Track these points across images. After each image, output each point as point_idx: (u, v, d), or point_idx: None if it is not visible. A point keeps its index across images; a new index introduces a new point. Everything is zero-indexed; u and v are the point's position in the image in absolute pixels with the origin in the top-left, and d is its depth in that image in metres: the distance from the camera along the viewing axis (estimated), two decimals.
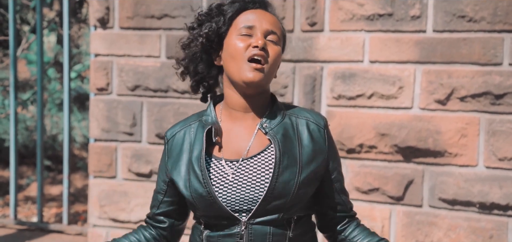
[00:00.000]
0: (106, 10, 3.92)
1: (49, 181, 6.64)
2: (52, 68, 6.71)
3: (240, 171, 1.69)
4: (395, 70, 3.43)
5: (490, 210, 3.34)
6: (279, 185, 1.66)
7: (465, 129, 3.34)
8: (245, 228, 1.67)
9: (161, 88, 3.85)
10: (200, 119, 1.79)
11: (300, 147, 1.73)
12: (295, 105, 1.85)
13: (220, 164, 1.71)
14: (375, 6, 3.42)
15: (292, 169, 1.69)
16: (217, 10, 1.74)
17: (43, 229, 4.80)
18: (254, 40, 1.68)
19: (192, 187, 1.70)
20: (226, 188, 1.69)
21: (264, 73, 1.68)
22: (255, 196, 1.67)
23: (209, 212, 1.70)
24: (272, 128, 1.72)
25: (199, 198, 1.69)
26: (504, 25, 3.25)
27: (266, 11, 1.75)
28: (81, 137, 6.62)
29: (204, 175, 1.69)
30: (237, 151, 1.72)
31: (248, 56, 1.67)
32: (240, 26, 1.70)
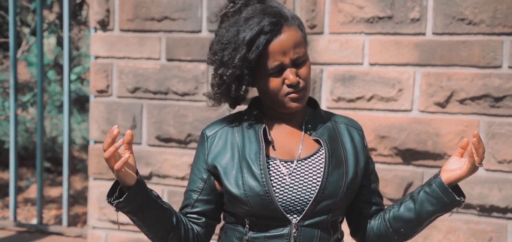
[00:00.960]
0: (106, 12, 3.92)
1: (48, 183, 6.64)
2: (52, 70, 6.72)
3: (296, 171, 1.71)
4: (395, 72, 3.43)
5: (490, 212, 3.34)
6: (329, 185, 1.70)
7: (465, 131, 3.34)
8: (296, 230, 1.69)
9: (161, 91, 3.85)
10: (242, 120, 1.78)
11: (344, 149, 1.77)
12: (332, 112, 1.90)
13: (275, 164, 1.72)
14: (374, 9, 3.43)
15: (340, 169, 1.73)
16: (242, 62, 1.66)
17: (43, 231, 4.80)
18: (287, 78, 1.68)
19: (247, 185, 1.68)
20: (283, 188, 1.70)
21: (303, 99, 1.72)
22: (308, 196, 1.70)
23: (262, 212, 1.68)
24: (317, 130, 1.77)
25: (255, 196, 1.67)
26: (503, 28, 3.25)
27: (285, 30, 1.67)
28: (81, 139, 6.63)
29: (264, 173, 1.68)
30: (289, 152, 1.74)
31: (285, 92, 1.69)
32: (269, 67, 1.67)
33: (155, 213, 1.72)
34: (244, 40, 1.64)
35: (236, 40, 1.65)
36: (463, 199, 1.77)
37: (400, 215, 1.79)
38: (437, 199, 1.74)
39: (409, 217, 1.77)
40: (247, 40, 1.64)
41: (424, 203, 1.75)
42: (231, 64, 1.67)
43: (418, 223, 1.78)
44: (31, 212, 5.78)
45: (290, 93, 1.69)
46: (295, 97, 1.69)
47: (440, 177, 1.75)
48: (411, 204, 1.77)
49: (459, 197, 1.76)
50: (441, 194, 1.74)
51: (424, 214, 1.76)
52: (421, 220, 1.77)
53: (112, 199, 1.70)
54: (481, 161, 1.72)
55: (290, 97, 1.69)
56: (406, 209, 1.78)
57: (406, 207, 1.78)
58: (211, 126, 1.81)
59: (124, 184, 1.67)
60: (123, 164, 1.63)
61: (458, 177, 1.75)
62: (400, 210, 1.79)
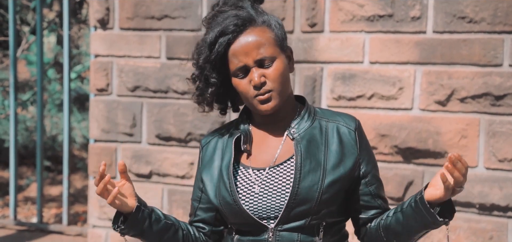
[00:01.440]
0: (106, 11, 3.92)
1: (48, 181, 6.64)
2: (52, 69, 6.71)
3: (266, 179, 1.70)
4: (395, 71, 3.43)
5: (490, 211, 3.34)
6: (302, 190, 1.66)
7: (465, 130, 3.34)
8: (273, 235, 1.68)
9: (161, 89, 3.85)
10: (233, 128, 1.80)
11: (326, 151, 1.70)
12: (328, 109, 1.83)
13: (247, 172, 1.72)
14: (375, 7, 3.42)
15: (315, 174, 1.67)
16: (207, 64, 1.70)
17: (43, 230, 4.80)
18: (251, 79, 1.66)
19: (221, 195, 1.73)
20: (251, 196, 1.70)
21: (273, 100, 1.68)
22: (280, 203, 1.68)
23: (237, 220, 1.72)
24: (299, 133, 1.72)
25: (227, 205, 1.71)
26: (504, 26, 3.25)
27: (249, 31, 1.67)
28: (81, 138, 6.62)
29: (231, 183, 1.70)
30: (265, 160, 1.73)
31: (253, 95, 1.68)
32: (234, 69, 1.68)
33: (159, 233, 1.78)
34: (207, 42, 1.68)
35: (203, 43, 1.71)
36: (447, 220, 1.65)
37: (391, 226, 1.72)
38: (420, 217, 1.65)
39: (398, 230, 1.71)
40: (208, 42, 1.68)
41: (410, 219, 1.67)
42: (197, 66, 1.73)
43: (408, 237, 1.72)
44: (31, 210, 5.78)
45: (257, 96, 1.67)
46: (262, 99, 1.67)
47: (423, 193, 1.63)
48: (400, 217, 1.70)
49: (443, 218, 1.64)
50: (424, 213, 1.64)
51: (411, 229, 1.69)
52: (409, 234, 1.70)
53: (117, 225, 1.77)
54: (460, 183, 1.57)
55: (258, 100, 1.67)
56: (396, 222, 1.71)
57: (396, 219, 1.71)
58: (208, 135, 1.85)
59: (124, 211, 1.74)
60: (113, 198, 1.70)
61: (437, 197, 1.62)
62: (391, 221, 1.72)
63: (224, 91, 1.76)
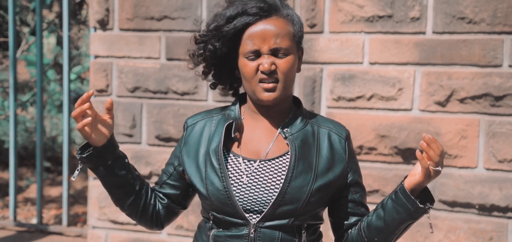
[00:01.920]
0: (106, 12, 3.92)
1: (48, 182, 6.64)
2: (52, 69, 6.71)
3: (256, 171, 1.69)
4: (395, 71, 3.43)
5: (490, 211, 3.34)
6: (291, 190, 1.66)
7: (465, 130, 3.34)
8: (254, 231, 1.67)
9: (160, 90, 3.85)
10: (223, 113, 1.78)
11: (318, 155, 1.72)
12: (319, 114, 1.84)
13: (237, 161, 1.70)
14: (374, 8, 3.42)
15: (306, 176, 1.68)
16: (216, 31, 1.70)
17: (43, 231, 4.80)
18: (261, 64, 1.66)
19: (209, 179, 1.70)
20: (240, 186, 1.68)
21: (277, 91, 1.67)
22: (267, 198, 1.67)
23: (221, 208, 1.69)
24: (293, 133, 1.72)
25: (215, 191, 1.68)
26: (503, 27, 3.25)
27: (271, 20, 1.68)
28: (80, 138, 6.62)
29: (222, 169, 1.68)
30: (256, 151, 1.72)
31: (258, 79, 1.67)
32: (246, 50, 1.67)
33: (118, 177, 1.76)
34: (226, 15, 1.68)
35: (222, 14, 1.70)
36: (429, 206, 1.66)
37: (372, 223, 1.73)
38: (402, 207, 1.67)
39: (380, 226, 1.71)
40: (227, 15, 1.67)
41: (391, 211, 1.69)
42: (206, 29, 1.72)
43: (388, 232, 1.72)
44: (31, 211, 5.78)
45: (262, 82, 1.66)
46: (268, 87, 1.66)
47: (403, 183, 1.67)
48: (381, 212, 1.72)
49: (424, 204, 1.66)
50: (405, 201, 1.66)
51: (393, 223, 1.70)
52: (391, 228, 1.71)
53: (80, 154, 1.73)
54: (437, 163, 1.61)
55: (263, 86, 1.66)
56: (377, 218, 1.72)
57: (377, 216, 1.73)
58: (195, 115, 1.83)
59: (93, 144, 1.71)
60: (83, 125, 1.66)
61: (416, 182, 1.65)
62: (372, 219, 1.74)
63: (227, 70, 1.76)
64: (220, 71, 1.78)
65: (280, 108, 1.75)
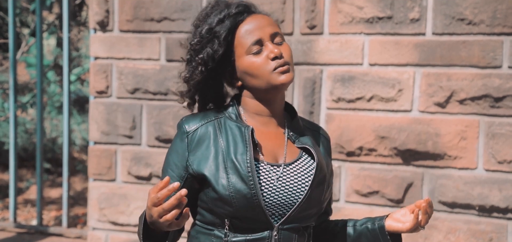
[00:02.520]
0: (106, 13, 3.92)
1: (48, 184, 6.64)
2: (52, 71, 6.71)
3: (283, 176, 1.69)
4: (395, 73, 3.43)
5: (490, 213, 3.34)
6: (314, 194, 1.69)
7: (465, 131, 3.34)
8: (277, 233, 1.66)
9: (160, 91, 3.85)
10: (222, 116, 1.74)
11: (322, 157, 1.77)
12: (304, 118, 1.88)
13: (263, 167, 1.68)
14: (374, 9, 3.43)
15: (324, 179, 1.73)
16: (208, 34, 1.69)
17: (43, 232, 4.80)
18: (270, 52, 1.67)
19: (232, 186, 1.63)
20: (271, 191, 1.67)
21: (291, 72, 1.69)
22: (293, 201, 1.68)
23: (245, 213, 1.65)
24: (299, 137, 1.76)
25: (241, 198, 1.63)
26: (503, 28, 3.25)
27: (256, 15, 1.72)
28: (80, 140, 6.62)
29: (252, 175, 1.63)
30: (274, 155, 1.72)
31: (272, 68, 1.67)
32: (248, 45, 1.67)
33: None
34: (215, 20, 1.68)
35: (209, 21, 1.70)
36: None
37: (339, 236, 1.82)
38: (374, 240, 1.77)
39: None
40: (216, 19, 1.68)
41: (362, 237, 1.79)
42: (198, 36, 1.70)
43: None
44: (31, 213, 5.78)
45: (277, 68, 1.66)
46: (284, 69, 1.66)
47: (384, 221, 1.77)
48: (351, 232, 1.81)
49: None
50: (380, 237, 1.77)
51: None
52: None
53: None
54: (425, 224, 1.75)
55: (279, 71, 1.66)
56: (344, 234, 1.81)
57: (347, 233, 1.82)
58: (190, 120, 1.75)
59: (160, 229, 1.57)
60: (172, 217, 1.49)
61: (399, 230, 1.77)
62: (341, 231, 1.82)
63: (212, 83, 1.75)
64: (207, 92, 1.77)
65: (280, 107, 1.76)
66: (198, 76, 1.72)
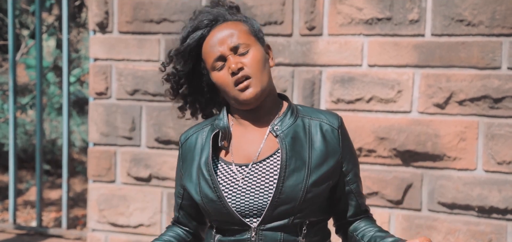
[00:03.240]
0: (105, 15, 3.92)
1: (48, 185, 6.64)
2: (51, 72, 6.71)
3: (250, 175, 1.68)
4: (394, 74, 3.43)
5: (489, 213, 3.34)
6: (286, 189, 1.64)
7: (464, 132, 3.34)
8: (255, 234, 1.66)
9: (160, 93, 3.85)
10: (212, 123, 1.79)
11: (310, 149, 1.69)
12: (310, 107, 1.82)
13: (230, 169, 1.70)
14: (373, 10, 3.43)
15: (299, 172, 1.66)
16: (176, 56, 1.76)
17: (42, 234, 4.80)
18: (229, 67, 1.68)
19: (202, 191, 1.70)
20: (235, 193, 1.67)
21: (254, 86, 1.67)
22: (263, 201, 1.66)
23: (219, 217, 1.69)
24: (283, 130, 1.70)
25: (210, 202, 1.69)
26: (502, 29, 3.25)
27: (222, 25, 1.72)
28: (80, 141, 6.62)
29: (213, 179, 1.68)
30: (247, 155, 1.71)
31: (232, 83, 1.68)
32: (211, 61, 1.70)
33: None
34: (180, 38, 1.75)
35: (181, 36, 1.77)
36: None
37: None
38: None
39: None
40: (182, 37, 1.75)
41: None
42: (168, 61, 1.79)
43: None
44: (31, 214, 5.78)
45: (237, 84, 1.67)
46: (242, 86, 1.66)
47: None
48: None
49: None
50: None
51: None
52: None
53: None
54: None
55: (239, 88, 1.67)
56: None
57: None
58: (187, 130, 1.84)
59: None
60: None
61: None
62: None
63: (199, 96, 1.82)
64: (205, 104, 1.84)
65: (266, 108, 1.74)
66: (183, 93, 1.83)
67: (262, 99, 1.71)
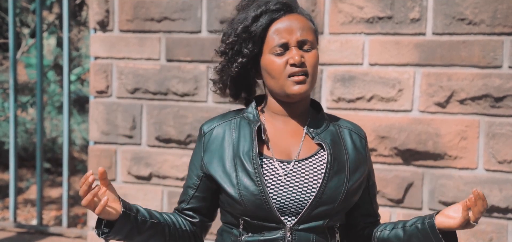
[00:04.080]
0: (106, 13, 3.92)
1: (48, 183, 6.64)
2: (52, 71, 6.71)
3: (293, 172, 1.67)
4: (395, 73, 3.43)
5: (490, 213, 3.34)
6: (328, 190, 1.65)
7: (465, 131, 3.34)
8: (290, 234, 1.64)
9: (160, 91, 3.85)
10: (241, 116, 1.75)
11: (347, 154, 1.72)
12: (335, 116, 1.85)
13: (272, 164, 1.68)
14: (374, 9, 3.43)
15: (341, 175, 1.68)
16: (244, 33, 1.69)
17: (43, 232, 4.80)
18: (291, 57, 1.66)
19: (242, 184, 1.65)
20: (278, 188, 1.65)
21: (307, 84, 1.68)
22: (304, 199, 1.65)
23: (256, 212, 1.65)
24: (319, 133, 1.72)
25: (249, 195, 1.64)
26: (503, 28, 3.25)
27: (294, 15, 1.70)
28: (80, 140, 6.62)
29: (258, 172, 1.64)
30: (287, 152, 1.70)
31: (288, 73, 1.66)
32: (273, 44, 1.67)
33: (146, 234, 1.73)
34: (249, 17, 1.68)
35: (244, 17, 1.69)
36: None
37: (389, 240, 1.76)
38: (425, 239, 1.70)
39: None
40: (252, 16, 1.67)
41: (412, 238, 1.71)
42: (233, 34, 1.70)
43: None
44: (31, 213, 5.78)
45: (293, 75, 1.66)
46: (299, 79, 1.65)
47: (434, 218, 1.69)
48: (401, 233, 1.74)
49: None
50: (431, 236, 1.69)
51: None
52: None
53: (100, 230, 1.68)
54: (477, 219, 1.65)
55: (293, 80, 1.66)
56: (395, 237, 1.75)
57: (396, 235, 1.75)
58: (210, 121, 1.78)
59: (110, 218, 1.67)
60: (102, 208, 1.61)
61: (449, 226, 1.68)
62: (390, 235, 1.76)
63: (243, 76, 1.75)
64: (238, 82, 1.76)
65: (302, 108, 1.74)
66: (231, 72, 1.73)
67: (306, 97, 1.73)
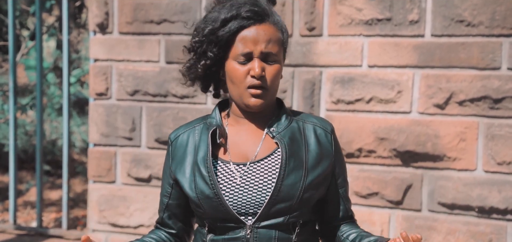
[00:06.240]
0: (106, 15, 3.93)
1: (48, 185, 6.64)
2: (52, 73, 6.71)
3: (248, 174, 1.70)
4: (394, 74, 3.43)
5: (489, 214, 3.34)
6: (284, 188, 1.67)
7: (464, 133, 3.34)
8: (251, 232, 1.67)
9: (160, 93, 3.85)
10: (204, 122, 1.79)
11: (307, 151, 1.73)
12: (301, 112, 1.85)
13: (228, 167, 1.71)
14: (373, 11, 3.43)
15: (298, 172, 1.69)
16: (211, 35, 1.70)
17: (43, 234, 4.80)
18: (252, 69, 1.67)
19: (198, 188, 1.70)
20: (233, 190, 1.69)
21: (264, 98, 1.69)
22: (261, 198, 1.68)
23: (215, 214, 1.70)
24: (280, 131, 1.73)
25: (205, 199, 1.69)
26: (502, 30, 3.26)
27: (263, 25, 1.70)
28: (80, 142, 6.62)
29: (211, 176, 1.69)
30: (244, 154, 1.73)
31: (248, 84, 1.68)
32: (238, 52, 1.68)
33: None
34: (219, 19, 1.68)
35: (215, 18, 1.70)
36: None
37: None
38: None
39: None
40: (221, 19, 1.68)
41: None
42: (201, 35, 1.72)
43: None
44: (31, 215, 5.78)
45: (251, 87, 1.67)
46: (256, 93, 1.67)
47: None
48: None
49: None
50: None
51: None
52: None
53: None
54: None
55: (251, 92, 1.68)
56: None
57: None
58: (177, 129, 1.83)
59: None
60: None
61: None
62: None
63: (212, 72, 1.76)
64: (208, 77, 1.78)
65: (264, 111, 1.76)
66: (197, 71, 1.76)
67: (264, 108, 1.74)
